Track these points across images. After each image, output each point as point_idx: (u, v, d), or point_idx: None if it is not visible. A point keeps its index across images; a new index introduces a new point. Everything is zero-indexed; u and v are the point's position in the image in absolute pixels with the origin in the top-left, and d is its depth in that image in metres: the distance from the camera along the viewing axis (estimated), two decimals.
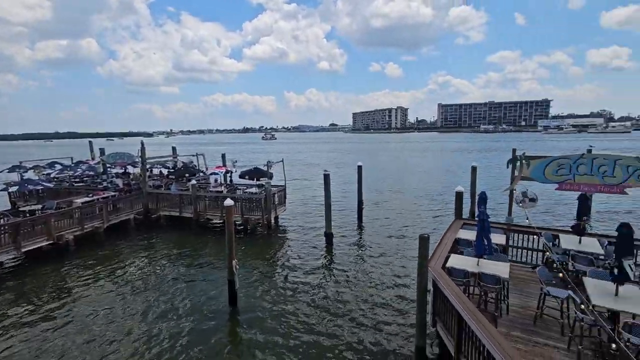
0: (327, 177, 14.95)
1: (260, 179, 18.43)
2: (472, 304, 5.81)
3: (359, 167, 18.35)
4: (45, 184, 19.52)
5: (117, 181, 21.61)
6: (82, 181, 23.82)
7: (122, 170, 24.78)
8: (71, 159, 29.24)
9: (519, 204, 9.64)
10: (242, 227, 17.10)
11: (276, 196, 17.15)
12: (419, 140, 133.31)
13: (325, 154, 75.07)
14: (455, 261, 7.82)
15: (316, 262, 13.18)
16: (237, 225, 16.53)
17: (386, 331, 8.61)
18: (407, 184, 31.56)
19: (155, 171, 25.06)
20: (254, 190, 18.41)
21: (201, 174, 22.76)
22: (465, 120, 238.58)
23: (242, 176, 19.25)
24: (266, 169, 18.28)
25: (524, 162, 9.08)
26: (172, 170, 24.06)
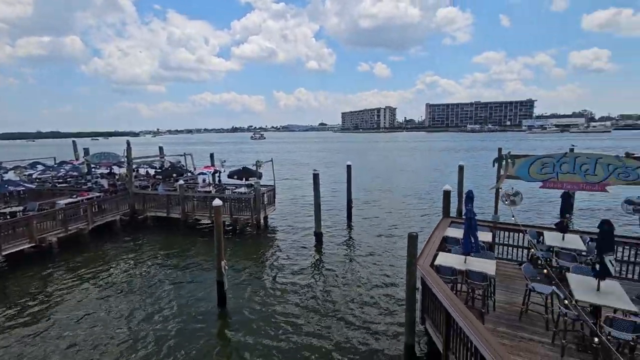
0: (316, 177, 14.97)
1: (249, 179, 18.30)
2: (460, 301, 5.88)
3: (348, 167, 18.41)
4: (26, 184, 18.99)
5: (102, 182, 21.16)
6: (66, 182, 23.29)
7: (108, 170, 24.29)
8: (54, 159, 28.59)
9: (504, 202, 9.84)
10: (231, 228, 16.96)
11: (265, 196, 17.05)
12: (407, 139, 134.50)
13: (314, 153, 75.05)
14: (443, 259, 7.90)
15: (306, 262, 13.16)
16: (226, 225, 16.38)
17: (375, 330, 8.66)
18: (396, 183, 31.79)
19: (141, 171, 24.61)
20: (243, 190, 18.28)
21: (189, 174, 22.49)
22: (452, 120, 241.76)
23: (230, 176, 19.09)
24: (255, 168, 18.16)
25: (509, 161, 9.27)
26: (159, 170, 23.70)
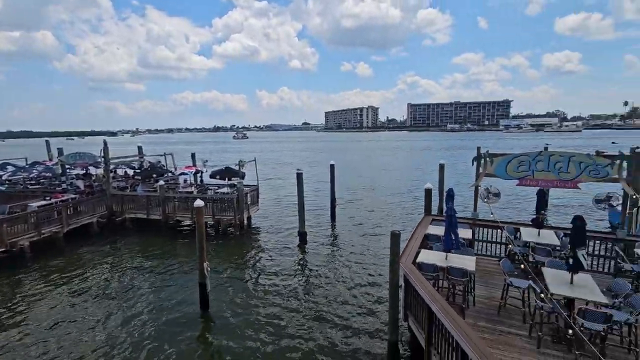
0: (300, 176, 14.94)
1: (232, 179, 18.08)
2: (442, 298, 6.00)
3: (332, 166, 18.46)
4: None
5: (78, 183, 20.41)
6: (39, 183, 22.32)
7: (84, 171, 23.46)
8: (25, 159, 27.37)
9: (483, 199, 10.10)
10: (213, 229, 16.70)
11: (249, 196, 16.88)
12: (389, 139, 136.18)
13: (298, 152, 74.86)
14: (425, 256, 8.04)
15: (289, 262, 13.11)
16: (208, 226, 16.13)
17: (359, 328, 8.72)
18: (379, 182, 32.13)
19: (120, 172, 23.92)
20: (225, 190, 18.03)
21: (170, 174, 22.00)
22: (433, 119, 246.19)
23: (213, 176, 18.80)
24: (238, 168, 17.95)
25: (487, 159, 9.56)
26: (139, 170, 23.07)
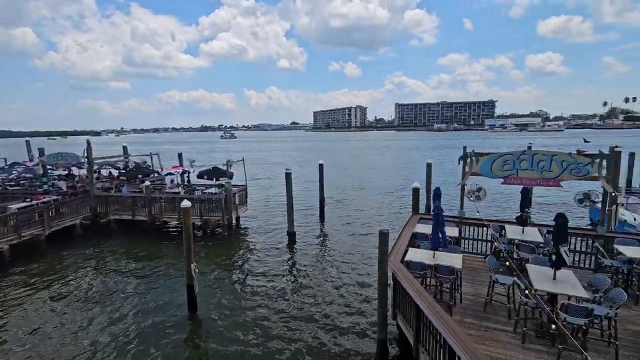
0: (288, 176, 14.89)
1: (219, 179, 17.90)
2: (429, 295, 6.08)
3: (321, 166, 18.45)
4: None
5: (60, 184, 19.89)
6: (19, 184, 21.70)
7: (66, 172, 22.86)
8: (4, 160, 26.56)
9: (469, 198, 10.27)
10: (201, 229, 16.51)
11: (237, 196, 16.75)
12: (377, 138, 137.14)
13: (286, 152, 74.66)
14: (413, 255, 8.12)
15: (278, 262, 13.07)
16: (195, 227, 15.93)
17: (348, 327, 8.76)
18: (368, 181, 32.32)
19: (104, 172, 23.39)
20: (213, 190, 17.85)
21: (156, 175, 21.63)
22: (420, 119, 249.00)
23: (200, 176, 18.57)
24: (226, 168, 17.79)
25: (473, 158, 9.71)
26: (124, 171, 22.60)
